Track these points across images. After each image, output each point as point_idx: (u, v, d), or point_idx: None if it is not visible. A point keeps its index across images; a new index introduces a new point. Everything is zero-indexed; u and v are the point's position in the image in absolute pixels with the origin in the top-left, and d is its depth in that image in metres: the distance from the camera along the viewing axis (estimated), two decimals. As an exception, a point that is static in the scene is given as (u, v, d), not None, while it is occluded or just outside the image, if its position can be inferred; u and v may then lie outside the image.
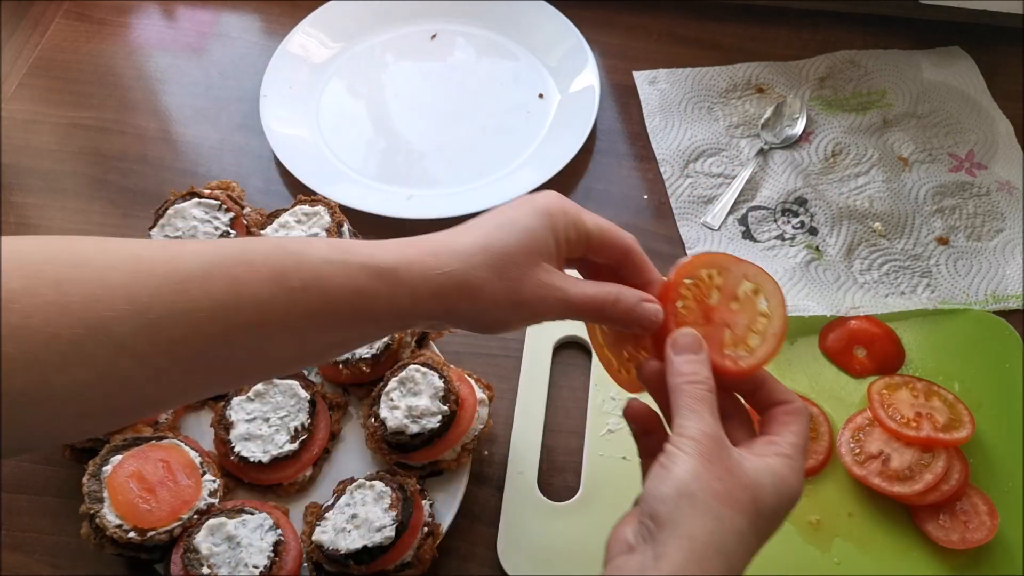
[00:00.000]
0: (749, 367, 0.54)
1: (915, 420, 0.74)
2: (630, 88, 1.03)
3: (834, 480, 0.75)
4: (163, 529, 0.67)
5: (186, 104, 1.04)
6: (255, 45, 1.10)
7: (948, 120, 0.99)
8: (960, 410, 0.75)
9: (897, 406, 0.75)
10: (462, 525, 0.74)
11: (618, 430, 0.78)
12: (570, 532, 0.73)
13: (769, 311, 0.56)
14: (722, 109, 1.01)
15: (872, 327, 0.82)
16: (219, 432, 0.74)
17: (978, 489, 0.73)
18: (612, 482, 0.75)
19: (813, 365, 0.82)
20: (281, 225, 0.82)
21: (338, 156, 0.98)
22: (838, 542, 0.72)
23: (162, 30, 1.12)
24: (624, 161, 0.98)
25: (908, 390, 0.76)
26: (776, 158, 0.96)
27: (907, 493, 0.71)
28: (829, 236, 0.90)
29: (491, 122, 1.01)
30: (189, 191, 0.83)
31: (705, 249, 0.90)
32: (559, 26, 1.06)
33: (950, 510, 0.72)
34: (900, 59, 1.04)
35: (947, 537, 0.71)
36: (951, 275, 0.88)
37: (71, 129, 1.02)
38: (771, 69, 1.04)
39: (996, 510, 0.71)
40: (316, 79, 1.05)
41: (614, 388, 0.80)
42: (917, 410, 0.75)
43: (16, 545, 0.74)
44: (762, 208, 0.93)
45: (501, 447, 0.78)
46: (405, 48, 1.08)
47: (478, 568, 0.73)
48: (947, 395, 0.76)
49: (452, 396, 0.72)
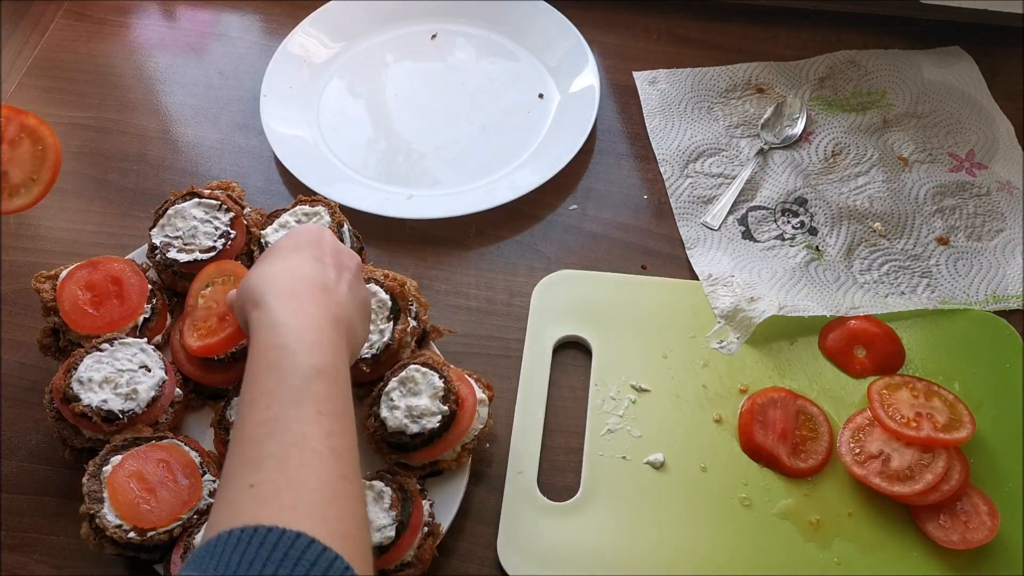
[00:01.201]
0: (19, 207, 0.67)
1: (915, 420, 0.74)
2: (630, 88, 1.03)
3: (834, 480, 0.75)
4: (163, 529, 0.67)
5: (186, 104, 1.04)
6: (255, 45, 1.10)
7: (948, 120, 0.99)
8: (960, 410, 0.75)
9: (897, 406, 0.75)
10: (462, 525, 0.74)
11: (618, 430, 0.78)
12: (570, 532, 0.73)
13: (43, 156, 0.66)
14: (722, 109, 1.01)
15: (872, 327, 0.82)
16: (219, 432, 0.74)
17: (978, 489, 0.73)
18: (612, 482, 0.75)
19: (813, 365, 0.82)
20: (281, 225, 0.82)
21: (338, 156, 0.98)
22: (838, 542, 0.72)
23: (162, 30, 1.12)
24: (624, 161, 0.98)
25: (908, 390, 0.76)
26: (776, 158, 0.96)
27: (907, 493, 0.71)
28: (829, 236, 0.90)
29: (491, 122, 1.01)
30: (189, 191, 0.83)
31: (706, 250, 0.90)
32: (559, 26, 1.06)
33: (950, 510, 0.72)
34: (900, 59, 1.04)
35: (947, 537, 0.71)
36: (951, 275, 0.88)
37: (71, 129, 1.02)
38: (771, 69, 1.04)
39: (996, 510, 0.71)
40: (316, 79, 1.05)
41: (614, 387, 0.80)
42: (917, 410, 0.75)
43: (16, 545, 0.74)
44: (762, 208, 0.93)
45: (501, 447, 0.78)
46: (405, 48, 1.08)
47: (478, 568, 0.73)
48: (947, 395, 0.76)
49: (452, 396, 0.72)
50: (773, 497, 0.75)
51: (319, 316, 0.61)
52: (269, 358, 0.57)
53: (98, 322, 0.76)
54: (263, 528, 0.48)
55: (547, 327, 0.84)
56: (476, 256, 0.91)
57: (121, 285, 0.78)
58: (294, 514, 0.49)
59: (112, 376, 0.72)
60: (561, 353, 0.84)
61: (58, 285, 0.77)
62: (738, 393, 0.80)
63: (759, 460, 0.76)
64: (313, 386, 0.56)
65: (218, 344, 0.75)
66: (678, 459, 0.76)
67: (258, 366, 0.57)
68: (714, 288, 0.86)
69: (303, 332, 0.59)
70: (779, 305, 0.83)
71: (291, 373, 0.56)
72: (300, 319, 0.59)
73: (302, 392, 0.55)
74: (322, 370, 0.57)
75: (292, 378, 0.56)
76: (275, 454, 0.52)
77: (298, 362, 0.56)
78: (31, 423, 0.80)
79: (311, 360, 0.57)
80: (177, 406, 0.76)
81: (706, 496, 0.75)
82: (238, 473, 0.53)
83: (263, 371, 0.57)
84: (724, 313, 0.84)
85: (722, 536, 0.73)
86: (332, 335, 0.60)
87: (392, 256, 0.90)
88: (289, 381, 0.56)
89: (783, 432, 0.76)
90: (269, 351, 0.58)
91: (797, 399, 0.79)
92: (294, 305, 0.60)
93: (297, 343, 0.58)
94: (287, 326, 0.59)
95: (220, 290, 0.78)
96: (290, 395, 0.55)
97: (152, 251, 0.81)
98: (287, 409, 0.54)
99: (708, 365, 0.82)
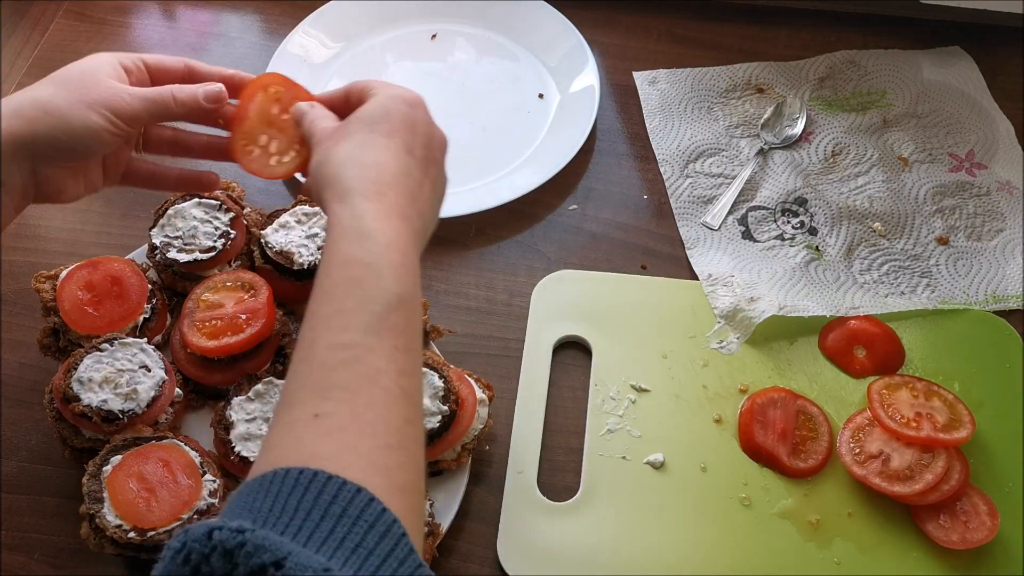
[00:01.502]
0: (279, 175, 0.72)
1: (915, 420, 0.74)
2: (630, 88, 1.03)
3: (834, 480, 0.75)
4: (163, 529, 0.66)
5: (186, 104, 1.04)
6: (255, 45, 1.10)
7: (948, 120, 0.99)
8: (960, 410, 0.75)
9: (897, 406, 0.75)
10: (462, 525, 0.74)
11: (618, 430, 0.78)
12: (570, 532, 0.73)
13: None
14: (722, 109, 1.01)
15: (872, 327, 0.82)
16: (219, 432, 0.74)
17: (978, 489, 0.73)
18: (612, 482, 0.75)
19: (813, 365, 0.82)
20: (281, 225, 0.82)
21: (338, 156, 0.98)
22: (838, 542, 0.72)
23: (162, 30, 1.12)
24: (624, 161, 0.98)
25: (908, 390, 0.76)
26: (776, 158, 0.96)
27: (907, 493, 0.71)
28: (829, 236, 0.90)
29: (491, 122, 1.01)
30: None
31: (706, 250, 0.90)
32: (559, 26, 1.06)
33: (950, 510, 0.72)
34: (900, 59, 1.04)
35: (947, 537, 0.71)
36: (951, 275, 0.88)
37: (71, 129, 1.02)
38: (771, 69, 1.04)
39: (996, 510, 0.71)
40: (316, 79, 1.05)
41: (614, 387, 0.80)
42: (917, 410, 0.75)
43: (16, 545, 0.74)
44: (762, 208, 0.93)
45: (501, 447, 0.78)
46: (405, 48, 1.08)
47: (478, 568, 0.73)
48: (947, 395, 0.76)
49: (452, 396, 0.72)
50: (773, 497, 0.75)
51: (405, 232, 0.57)
52: (352, 274, 0.53)
53: (98, 322, 0.76)
54: (323, 475, 0.45)
55: (547, 327, 0.84)
56: (476, 256, 0.91)
57: (121, 285, 0.78)
58: (355, 457, 0.47)
59: (112, 376, 0.72)
60: (561, 353, 0.84)
61: (58, 285, 0.77)
62: (738, 393, 0.80)
63: (759, 460, 0.76)
64: (394, 316, 0.53)
65: (239, 343, 0.74)
66: (678, 459, 0.77)
67: (339, 277, 0.54)
68: (714, 288, 0.86)
69: (390, 250, 0.55)
70: (779, 305, 0.83)
71: (374, 298, 0.53)
72: (388, 233, 0.55)
73: (382, 321, 0.52)
74: (404, 299, 0.54)
75: (374, 304, 0.52)
76: (346, 385, 0.50)
77: (383, 287, 0.53)
78: (31, 423, 0.80)
79: (396, 287, 0.53)
80: (177, 406, 0.76)
81: (706, 496, 0.75)
82: (303, 398, 0.50)
83: (344, 286, 0.53)
84: (724, 313, 0.84)
85: (722, 536, 0.73)
86: (414, 256, 0.57)
87: (392, 256, 0.90)
88: (370, 307, 0.52)
89: (783, 432, 0.76)
90: (353, 266, 0.54)
91: (797, 399, 0.79)
92: (383, 213, 0.56)
93: (383, 263, 0.54)
94: (374, 240, 0.54)
95: (225, 294, 0.78)
96: (370, 323, 0.52)
97: (152, 251, 0.81)
98: (365, 337, 0.51)
99: (708, 365, 0.82)
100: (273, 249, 0.80)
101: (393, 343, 0.52)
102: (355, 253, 0.54)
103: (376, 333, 0.52)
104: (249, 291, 0.77)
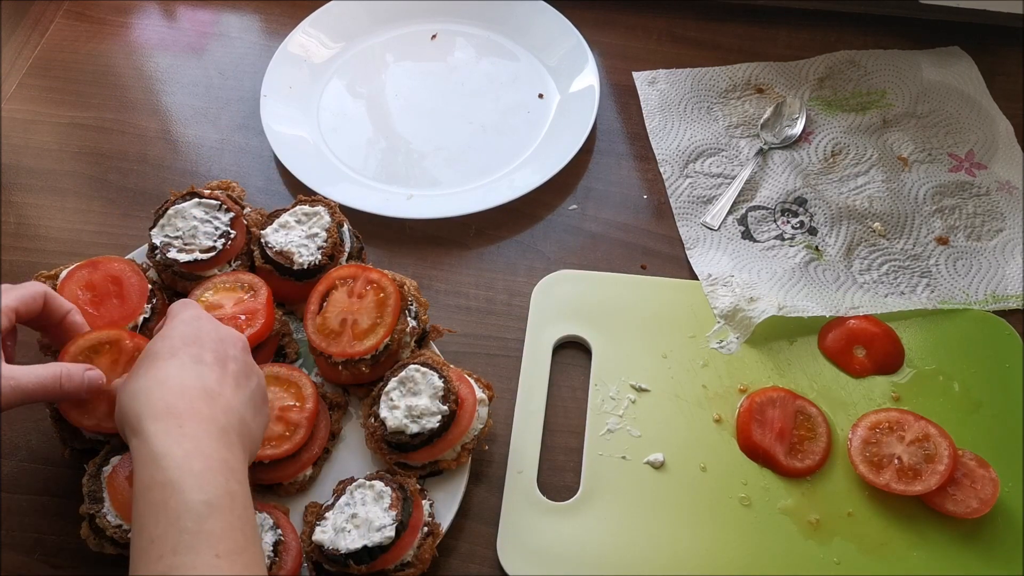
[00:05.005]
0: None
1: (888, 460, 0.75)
2: (630, 88, 1.03)
3: (834, 480, 0.75)
4: (163, 529, 0.67)
5: (186, 104, 1.04)
6: (255, 45, 1.10)
7: (948, 120, 0.99)
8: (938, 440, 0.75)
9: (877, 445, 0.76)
10: (462, 525, 0.74)
11: (618, 430, 0.78)
12: (570, 532, 0.73)
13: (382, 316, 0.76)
14: (722, 109, 1.01)
15: (872, 327, 0.82)
16: (219, 432, 0.74)
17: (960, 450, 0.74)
18: (612, 482, 0.75)
19: (812, 365, 0.82)
20: (281, 225, 0.82)
21: (338, 156, 0.98)
22: (838, 541, 0.73)
23: (162, 30, 1.12)
24: (624, 161, 0.98)
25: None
26: (776, 158, 0.96)
27: (929, 488, 0.72)
28: (829, 236, 0.90)
29: (491, 122, 1.02)
30: (189, 191, 0.83)
31: (706, 250, 0.90)
32: (559, 26, 1.06)
33: (954, 482, 0.73)
34: (900, 59, 1.04)
35: (968, 506, 0.72)
36: (951, 275, 0.88)
37: (71, 129, 1.02)
38: (771, 69, 1.04)
39: (983, 459, 0.73)
40: (316, 79, 1.05)
41: (613, 387, 0.80)
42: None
43: (16, 545, 0.74)
44: (762, 208, 0.93)
45: (501, 447, 0.78)
46: (405, 48, 1.08)
47: (478, 568, 0.73)
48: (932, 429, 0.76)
49: (452, 396, 0.72)
50: (773, 497, 0.75)
51: (204, 435, 0.57)
52: (154, 498, 0.53)
53: (98, 322, 0.76)
54: None
55: (547, 327, 0.84)
56: (476, 256, 0.91)
57: (121, 285, 0.78)
58: None
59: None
60: (561, 353, 0.84)
61: (58, 285, 0.77)
62: (738, 393, 0.80)
63: (756, 459, 0.76)
64: (207, 525, 0.52)
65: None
66: (678, 459, 0.77)
67: (144, 507, 0.53)
68: (714, 288, 0.86)
69: (188, 460, 0.55)
70: (779, 305, 0.83)
71: (180, 515, 0.52)
72: (183, 445, 0.55)
73: (195, 535, 0.52)
74: (214, 504, 0.53)
75: (182, 520, 0.52)
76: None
77: (187, 500, 0.53)
78: (31, 423, 0.80)
79: (201, 495, 0.53)
80: (177, 406, 0.76)
81: (706, 496, 0.75)
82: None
83: (150, 513, 0.53)
84: (724, 313, 0.84)
85: (722, 535, 0.73)
86: (222, 453, 0.57)
87: (392, 256, 0.90)
88: (179, 524, 0.52)
89: (780, 431, 0.77)
90: (153, 490, 0.53)
91: (796, 399, 0.79)
92: (174, 428, 0.56)
93: (182, 476, 0.54)
94: (169, 457, 0.54)
95: (224, 294, 0.78)
96: (182, 541, 0.52)
97: (152, 251, 0.81)
98: (181, 558, 0.51)
99: (708, 365, 0.82)
100: (273, 249, 0.80)
101: (214, 552, 0.52)
102: (153, 476, 0.54)
103: (191, 549, 0.52)
104: (248, 291, 0.77)
